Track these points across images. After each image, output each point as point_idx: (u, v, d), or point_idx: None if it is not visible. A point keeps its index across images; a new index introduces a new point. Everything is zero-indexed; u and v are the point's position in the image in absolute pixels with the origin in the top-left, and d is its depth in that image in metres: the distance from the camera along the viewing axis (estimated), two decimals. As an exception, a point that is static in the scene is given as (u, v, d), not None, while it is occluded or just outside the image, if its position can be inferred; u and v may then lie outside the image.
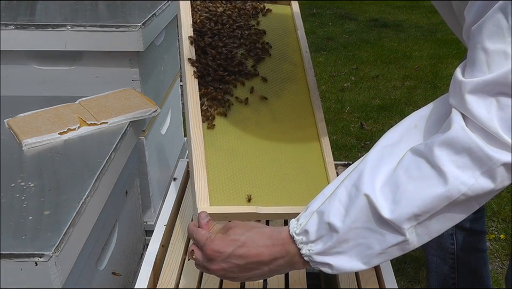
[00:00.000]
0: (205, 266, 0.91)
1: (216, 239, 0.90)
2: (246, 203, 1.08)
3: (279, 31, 1.37)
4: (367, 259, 0.82)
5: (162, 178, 1.98)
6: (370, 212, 0.79)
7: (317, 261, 0.84)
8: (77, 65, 1.69)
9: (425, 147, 0.78)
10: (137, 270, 1.55)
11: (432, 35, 5.32)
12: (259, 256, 0.87)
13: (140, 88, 1.68)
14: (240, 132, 1.18)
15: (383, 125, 3.45)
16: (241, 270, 0.89)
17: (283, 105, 1.25)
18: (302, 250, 0.85)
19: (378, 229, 0.80)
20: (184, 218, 1.27)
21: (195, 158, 1.10)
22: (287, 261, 0.87)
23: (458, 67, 0.79)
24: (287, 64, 1.32)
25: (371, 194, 0.79)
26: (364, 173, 0.82)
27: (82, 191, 1.12)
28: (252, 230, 0.90)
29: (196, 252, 0.93)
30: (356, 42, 5.05)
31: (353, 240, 0.81)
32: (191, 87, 1.19)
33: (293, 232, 0.86)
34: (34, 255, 0.94)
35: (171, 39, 2.11)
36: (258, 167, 1.14)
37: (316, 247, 0.84)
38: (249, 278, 0.91)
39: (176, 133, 2.28)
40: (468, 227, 1.59)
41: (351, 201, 0.81)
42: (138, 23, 1.61)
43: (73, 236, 1.02)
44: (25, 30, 1.61)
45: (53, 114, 1.42)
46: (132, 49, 1.63)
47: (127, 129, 1.41)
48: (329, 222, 0.82)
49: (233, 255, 0.88)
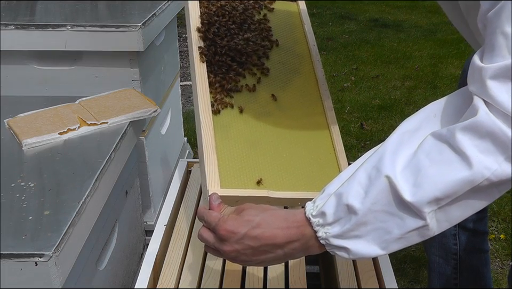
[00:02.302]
0: (217, 248, 0.88)
1: (230, 219, 0.87)
2: (257, 187, 1.06)
3: (286, 26, 1.37)
4: (386, 244, 0.80)
5: (162, 178, 1.98)
6: (391, 194, 0.77)
7: (334, 244, 0.82)
8: (77, 65, 1.69)
9: (447, 132, 0.76)
10: (137, 270, 1.56)
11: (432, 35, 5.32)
12: (274, 238, 0.85)
13: (140, 88, 1.68)
14: (249, 119, 1.17)
15: (383, 125, 3.44)
16: (254, 252, 0.86)
17: (292, 95, 1.25)
18: (318, 233, 0.83)
19: (398, 212, 0.78)
20: (184, 218, 1.27)
21: (205, 141, 1.09)
22: (302, 244, 0.85)
23: (476, 55, 0.77)
24: (294, 57, 1.32)
25: (392, 176, 0.77)
26: (384, 155, 0.80)
27: (82, 191, 1.12)
28: (267, 211, 0.87)
29: (206, 234, 0.89)
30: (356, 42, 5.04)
31: (372, 223, 0.79)
32: (199, 72, 1.19)
33: (309, 214, 0.84)
34: (34, 255, 0.94)
35: (171, 39, 2.11)
36: (268, 152, 1.13)
37: (332, 229, 0.81)
38: (261, 262, 0.88)
39: (176, 133, 2.28)
40: (471, 227, 1.59)
41: (371, 183, 0.79)
42: (138, 23, 1.61)
43: (73, 236, 1.02)
44: (25, 30, 1.61)
45: (53, 114, 1.42)
46: (132, 49, 1.63)
47: (127, 129, 1.41)
48: (347, 204, 0.80)
49: (247, 236, 0.85)
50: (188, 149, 2.51)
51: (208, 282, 1.08)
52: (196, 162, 1.50)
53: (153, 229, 1.24)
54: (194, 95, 1.18)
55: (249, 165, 1.10)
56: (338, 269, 1.11)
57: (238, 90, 1.21)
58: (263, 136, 1.16)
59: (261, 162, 1.11)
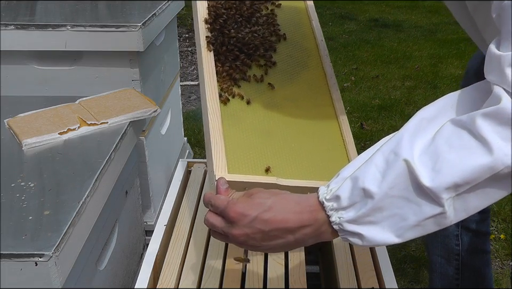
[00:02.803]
0: (225, 233, 0.85)
1: (240, 202, 0.84)
2: (266, 174, 1.04)
3: (294, 21, 1.37)
4: (401, 231, 0.78)
5: (162, 178, 1.98)
6: (409, 179, 0.75)
7: (347, 229, 0.79)
8: (77, 65, 1.69)
9: (468, 118, 0.74)
10: (137, 270, 1.55)
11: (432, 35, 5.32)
12: (285, 223, 0.82)
13: (140, 88, 1.68)
14: (257, 109, 1.17)
15: (383, 125, 3.44)
16: (264, 237, 0.83)
17: (300, 87, 1.24)
18: (331, 217, 0.80)
19: (415, 198, 0.75)
20: (184, 218, 1.27)
21: (212, 127, 1.07)
22: (314, 230, 0.82)
23: (492, 44, 0.76)
24: (302, 51, 1.32)
25: (410, 160, 0.75)
26: (402, 139, 0.78)
27: (82, 191, 1.11)
28: (278, 195, 0.84)
29: (213, 218, 0.87)
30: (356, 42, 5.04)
31: (388, 209, 0.77)
32: (206, 61, 1.18)
33: (323, 198, 0.81)
34: (34, 255, 0.94)
35: (171, 39, 2.11)
36: (276, 142, 1.11)
37: (347, 214, 0.79)
38: (270, 248, 0.85)
39: (176, 133, 2.28)
40: (473, 228, 1.59)
41: (388, 167, 0.77)
42: (138, 23, 1.61)
43: (73, 236, 1.02)
44: (25, 30, 1.61)
45: (53, 114, 1.42)
46: (132, 49, 1.63)
47: (127, 129, 1.40)
48: (364, 188, 0.77)
49: (258, 219, 0.82)
50: (188, 149, 2.51)
51: (208, 282, 1.08)
52: (196, 162, 1.50)
53: (153, 229, 1.24)
54: (201, 83, 1.16)
55: (257, 153, 1.08)
56: (338, 269, 1.11)
57: (246, 80, 1.20)
58: (271, 126, 1.15)
59: (269, 151, 1.09)
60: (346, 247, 1.17)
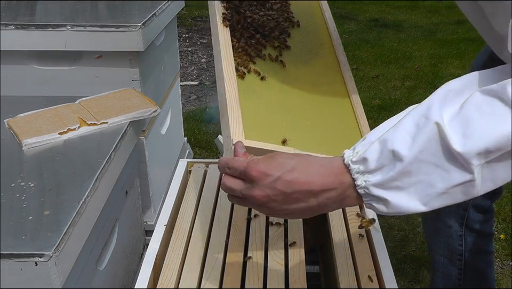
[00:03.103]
0: (244, 195, 0.82)
1: (262, 161, 0.81)
2: (283, 144, 1.03)
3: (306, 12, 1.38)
4: (428, 199, 0.75)
5: (162, 178, 1.98)
6: (439, 143, 0.73)
7: (373, 193, 0.77)
8: (77, 65, 1.69)
9: (498, 87, 0.73)
10: (137, 270, 1.55)
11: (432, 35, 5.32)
12: (309, 185, 0.78)
13: (140, 88, 1.68)
14: (272, 84, 1.16)
15: (383, 125, 3.45)
16: (285, 199, 0.80)
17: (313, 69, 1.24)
18: (357, 181, 0.77)
19: (444, 164, 0.73)
20: (184, 218, 1.27)
21: (229, 95, 1.05)
22: (338, 194, 0.79)
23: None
24: (315, 39, 1.32)
25: (442, 124, 0.73)
26: (433, 105, 0.76)
27: (82, 191, 1.11)
28: (302, 157, 0.81)
29: (230, 181, 0.83)
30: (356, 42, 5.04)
31: (416, 174, 0.74)
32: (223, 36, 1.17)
33: (349, 160, 0.78)
34: (34, 255, 0.94)
35: (171, 39, 2.11)
36: (292, 117, 1.10)
37: (374, 178, 0.76)
38: (290, 212, 0.82)
39: (176, 133, 2.28)
40: (477, 228, 1.59)
41: (419, 130, 0.75)
42: (138, 23, 1.61)
43: (73, 236, 1.02)
44: (25, 30, 1.61)
45: (53, 114, 1.42)
46: (132, 49, 1.63)
47: (127, 129, 1.40)
48: (393, 150, 0.75)
49: (281, 180, 0.79)
50: (188, 149, 2.51)
51: (208, 282, 1.08)
52: (196, 162, 1.50)
53: (153, 229, 1.24)
54: (217, 57, 1.14)
55: (274, 126, 1.07)
56: (338, 269, 1.11)
57: (261, 58, 1.20)
58: (287, 102, 1.13)
59: (285, 125, 1.08)
60: (346, 247, 1.17)
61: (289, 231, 1.22)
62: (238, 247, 1.17)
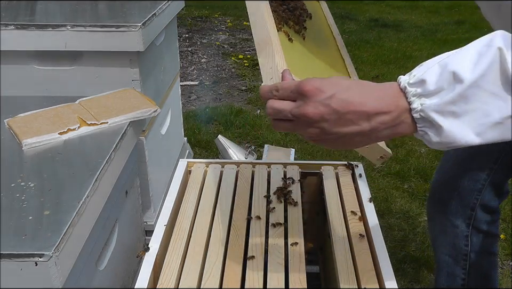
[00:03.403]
0: (294, 114, 0.79)
1: (316, 79, 0.78)
2: None
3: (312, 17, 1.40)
4: (482, 129, 0.73)
5: (162, 178, 1.98)
6: (500, 70, 0.72)
7: (428, 117, 0.74)
8: (77, 65, 1.69)
9: None
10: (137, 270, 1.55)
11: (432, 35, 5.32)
12: (363, 106, 0.76)
13: (140, 88, 1.68)
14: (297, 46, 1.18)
15: (383, 125, 3.45)
16: (337, 120, 0.77)
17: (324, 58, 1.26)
18: (413, 104, 0.75)
19: (503, 93, 0.72)
20: (184, 218, 1.27)
21: (272, 31, 1.05)
22: (392, 118, 0.77)
23: None
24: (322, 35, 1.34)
25: (504, 50, 0.71)
26: (496, 36, 0.73)
27: (82, 191, 1.11)
28: (357, 80, 0.79)
29: (278, 103, 0.80)
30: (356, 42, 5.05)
31: (473, 102, 0.72)
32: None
33: (405, 83, 0.76)
34: (34, 255, 0.94)
35: (171, 39, 2.11)
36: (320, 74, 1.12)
37: (430, 101, 0.74)
38: (340, 137, 0.79)
39: (176, 133, 2.28)
40: (484, 229, 1.59)
41: (481, 56, 0.73)
42: (138, 23, 1.61)
43: (73, 236, 1.02)
44: (25, 30, 1.61)
45: (53, 114, 1.42)
46: (132, 49, 1.63)
47: (127, 129, 1.40)
48: (454, 71, 0.73)
49: (336, 98, 0.76)
50: (188, 149, 2.51)
51: (208, 282, 1.08)
52: (196, 162, 1.50)
53: (153, 229, 1.24)
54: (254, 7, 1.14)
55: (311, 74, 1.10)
56: (338, 269, 1.11)
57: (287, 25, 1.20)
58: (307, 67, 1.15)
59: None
60: (346, 247, 1.17)
61: (289, 231, 1.22)
62: (238, 247, 1.17)
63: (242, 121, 3.46)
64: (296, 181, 1.40)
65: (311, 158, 3.01)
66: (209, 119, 3.51)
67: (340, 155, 3.06)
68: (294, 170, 1.45)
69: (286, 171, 1.45)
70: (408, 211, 2.57)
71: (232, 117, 3.50)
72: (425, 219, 2.50)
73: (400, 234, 2.41)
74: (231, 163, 1.49)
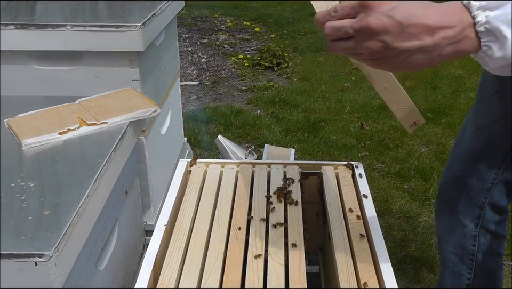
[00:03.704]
0: (355, 28, 0.77)
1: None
2: None
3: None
4: None
5: (162, 178, 1.98)
6: None
7: (494, 27, 0.73)
8: (77, 65, 1.69)
9: None
10: (137, 270, 1.55)
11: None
12: (427, 19, 0.75)
13: (140, 88, 1.68)
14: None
15: (383, 125, 3.44)
16: (400, 33, 0.75)
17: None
18: (477, 17, 0.74)
19: None
20: (184, 218, 1.27)
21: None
22: (456, 33, 0.75)
23: None
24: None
25: None
26: None
27: (82, 191, 1.11)
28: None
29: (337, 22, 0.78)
30: (356, 42, 5.04)
31: None
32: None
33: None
34: (34, 255, 0.94)
35: (171, 39, 2.11)
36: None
37: (495, 13, 0.73)
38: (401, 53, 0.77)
39: (176, 133, 2.28)
40: (492, 229, 1.58)
41: None
42: (138, 23, 1.61)
43: (73, 236, 1.02)
44: (25, 30, 1.61)
45: (53, 114, 1.42)
46: (131, 49, 1.63)
47: (127, 129, 1.40)
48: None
49: (399, 9, 0.74)
50: (188, 149, 2.51)
51: (208, 282, 1.08)
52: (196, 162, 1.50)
53: (153, 229, 1.24)
54: None
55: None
56: (338, 269, 1.11)
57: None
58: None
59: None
60: (346, 247, 1.17)
61: (289, 231, 1.22)
62: (238, 247, 1.17)
63: (242, 121, 3.46)
64: (296, 181, 1.40)
65: (311, 158, 3.01)
66: (209, 119, 3.51)
67: (339, 155, 3.06)
68: (294, 170, 1.45)
69: (286, 171, 1.45)
70: (408, 211, 2.57)
71: (232, 117, 3.50)
72: (425, 219, 2.51)
73: (400, 234, 2.41)
74: (231, 163, 1.49)
